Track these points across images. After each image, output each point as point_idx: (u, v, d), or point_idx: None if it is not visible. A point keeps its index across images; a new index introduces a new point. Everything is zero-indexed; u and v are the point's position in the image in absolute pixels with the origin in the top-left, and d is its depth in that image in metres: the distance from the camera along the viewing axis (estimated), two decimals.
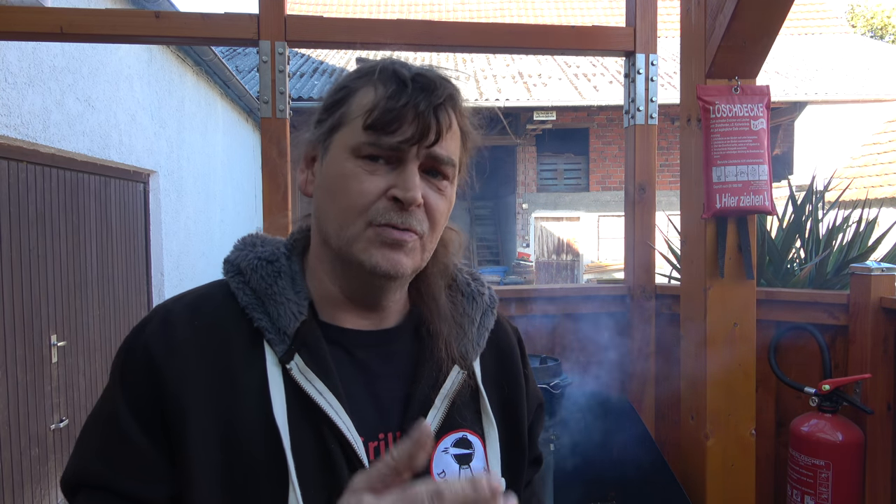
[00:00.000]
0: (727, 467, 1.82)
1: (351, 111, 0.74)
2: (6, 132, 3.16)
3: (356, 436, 0.71)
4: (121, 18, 2.13)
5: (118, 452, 0.69)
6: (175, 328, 0.72)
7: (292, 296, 0.75)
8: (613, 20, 15.26)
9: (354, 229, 0.72)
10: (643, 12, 2.29)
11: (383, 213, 0.71)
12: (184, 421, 0.68)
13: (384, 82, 0.72)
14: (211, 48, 5.79)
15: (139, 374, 0.70)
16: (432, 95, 0.71)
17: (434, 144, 0.72)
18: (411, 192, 0.71)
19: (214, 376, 0.70)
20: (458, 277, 0.87)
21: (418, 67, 0.74)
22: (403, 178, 0.71)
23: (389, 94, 0.71)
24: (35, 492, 3.37)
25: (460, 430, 0.78)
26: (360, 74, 0.76)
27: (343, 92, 0.76)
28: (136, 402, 0.69)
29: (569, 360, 2.34)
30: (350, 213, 0.72)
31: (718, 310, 1.81)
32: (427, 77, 0.72)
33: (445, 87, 0.73)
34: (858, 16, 24.83)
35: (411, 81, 0.71)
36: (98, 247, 4.21)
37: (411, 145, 0.71)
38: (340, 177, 0.73)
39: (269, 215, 2.09)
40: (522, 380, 0.89)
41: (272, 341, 0.72)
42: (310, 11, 15.58)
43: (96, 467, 0.69)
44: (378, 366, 0.77)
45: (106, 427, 0.71)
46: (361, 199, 0.71)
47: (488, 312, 0.87)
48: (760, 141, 1.74)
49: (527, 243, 12.79)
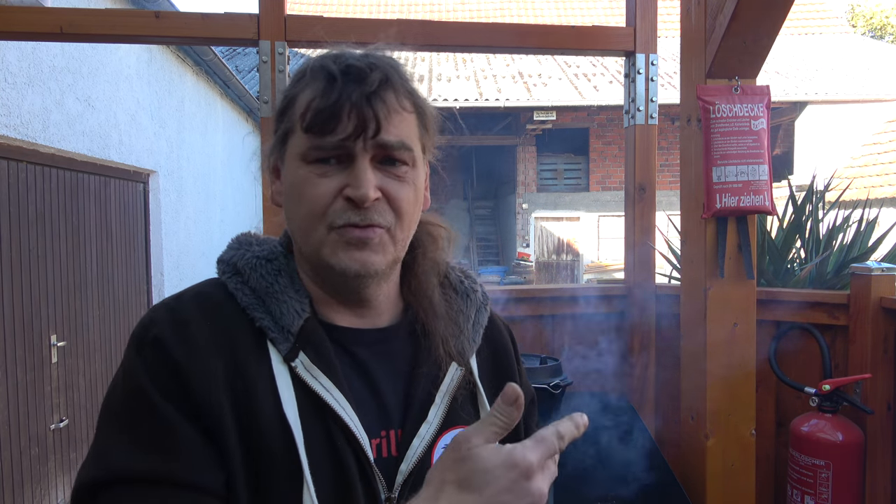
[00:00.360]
0: (727, 467, 1.82)
1: (294, 116, 0.73)
2: (6, 132, 3.16)
3: (363, 432, 0.71)
4: (121, 18, 2.13)
5: (168, 443, 0.64)
6: (188, 325, 0.70)
7: (293, 294, 0.75)
8: (613, 20, 15.26)
9: (318, 235, 0.72)
10: (643, 12, 2.29)
11: (341, 215, 0.71)
12: (212, 412, 0.66)
13: (314, 79, 0.71)
14: (211, 48, 5.79)
15: (162, 369, 0.66)
16: (364, 84, 0.69)
17: (377, 134, 0.70)
18: (362, 190, 0.69)
19: (231, 372, 0.69)
20: (450, 275, 0.87)
21: (352, 55, 0.72)
22: (354, 176, 0.70)
23: (321, 93, 0.70)
24: (35, 492, 3.37)
25: (460, 427, 0.78)
26: (299, 76, 0.75)
27: (287, 99, 0.75)
28: (172, 398, 0.66)
29: (569, 360, 2.34)
30: (310, 219, 0.72)
31: (718, 310, 1.81)
32: (357, 66, 0.70)
33: (378, 71, 0.70)
34: (858, 16, 24.83)
35: (341, 74, 0.69)
36: (98, 247, 4.21)
37: (353, 140, 0.69)
38: (296, 185, 0.72)
39: (269, 215, 2.09)
40: (517, 375, 0.89)
41: (276, 340, 0.72)
42: (310, 11, 15.58)
43: (142, 462, 0.63)
44: (377, 364, 0.77)
45: (143, 422, 0.65)
46: (317, 204, 0.71)
47: (482, 309, 0.87)
48: (760, 141, 1.74)
49: (527, 243, 12.79)
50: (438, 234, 0.86)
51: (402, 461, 0.73)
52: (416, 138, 0.75)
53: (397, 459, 0.73)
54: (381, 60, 0.72)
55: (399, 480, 0.72)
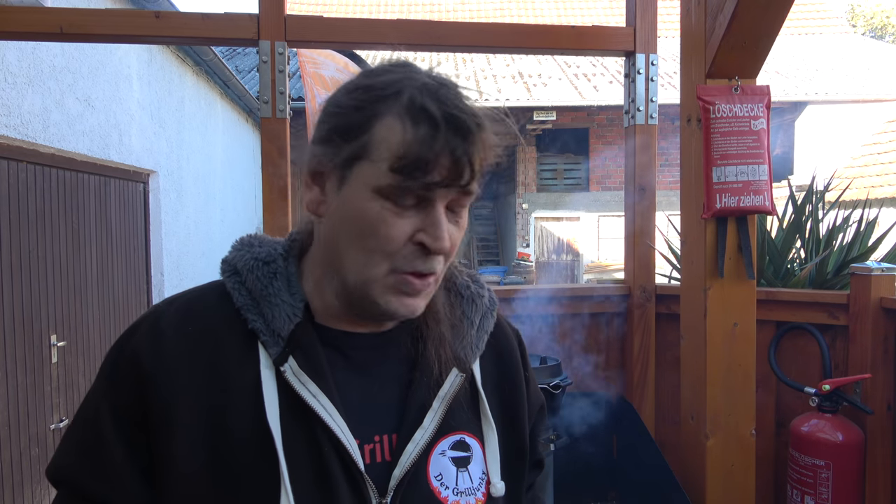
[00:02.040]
0: (727, 467, 1.82)
1: (374, 145, 0.66)
2: (6, 132, 3.16)
3: (350, 438, 0.70)
4: (121, 18, 2.13)
5: (93, 455, 0.70)
6: (164, 334, 0.72)
7: (287, 297, 0.74)
8: (613, 20, 15.26)
9: (377, 272, 0.69)
10: (643, 12, 2.29)
11: (410, 261, 0.69)
12: (170, 426, 0.68)
13: (412, 119, 0.65)
14: (211, 48, 5.79)
15: (126, 377, 0.71)
16: (467, 140, 0.66)
17: (468, 185, 0.68)
18: (440, 242, 0.68)
19: (203, 381, 0.70)
20: (457, 280, 0.86)
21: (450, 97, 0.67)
22: (433, 224, 0.67)
23: (421, 139, 0.65)
24: (35, 492, 3.37)
25: (458, 433, 0.77)
26: (381, 95, 0.68)
27: (361, 115, 0.68)
28: (120, 407, 0.70)
29: (569, 360, 2.34)
30: (374, 256, 0.68)
31: (718, 310, 1.81)
32: (460, 118, 0.66)
33: (479, 124, 0.67)
34: (858, 16, 24.83)
35: (444, 122, 0.65)
36: (98, 247, 4.21)
37: (443, 187, 0.67)
38: (364, 218, 0.67)
39: (269, 215, 2.09)
40: (523, 382, 0.87)
41: (266, 343, 0.72)
42: (310, 11, 15.58)
43: (73, 466, 0.71)
44: (375, 368, 0.77)
45: (86, 427, 0.72)
46: (388, 245, 0.67)
47: (488, 315, 0.85)
48: (760, 141, 1.74)
49: (527, 243, 12.78)
50: None
51: (396, 466, 0.72)
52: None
53: (391, 464, 0.72)
54: (480, 113, 0.69)
55: (392, 485, 0.71)
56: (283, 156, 2.09)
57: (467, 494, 0.75)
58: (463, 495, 0.75)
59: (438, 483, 0.74)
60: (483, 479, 0.77)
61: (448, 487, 0.74)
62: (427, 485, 0.74)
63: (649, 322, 2.32)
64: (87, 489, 0.70)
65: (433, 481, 0.74)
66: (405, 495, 0.72)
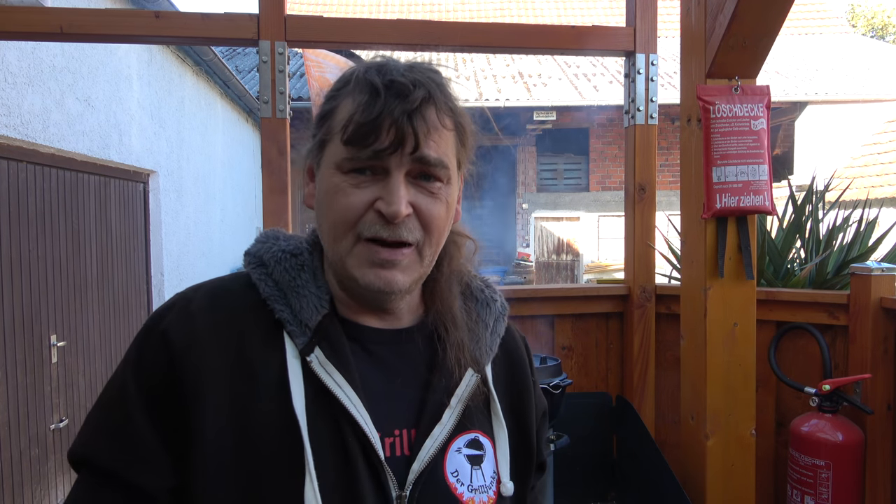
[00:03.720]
0: (727, 467, 1.82)
1: (334, 125, 0.73)
2: (6, 132, 3.16)
3: (373, 429, 0.72)
4: (121, 18, 2.13)
5: (122, 436, 0.70)
6: (195, 317, 0.73)
7: (314, 289, 0.76)
8: (613, 20, 15.26)
9: (345, 244, 0.73)
10: (643, 12, 2.29)
11: (370, 227, 0.71)
12: (199, 411, 0.68)
13: (359, 92, 0.71)
14: (211, 48, 5.79)
15: (157, 358, 0.71)
16: (406, 101, 0.69)
17: (415, 151, 0.70)
18: (394, 206, 0.70)
19: (231, 366, 0.71)
20: (471, 284, 0.88)
21: (397, 69, 0.72)
22: (388, 191, 0.71)
23: (363, 106, 0.70)
24: (35, 492, 3.37)
25: (473, 432, 0.79)
26: (342, 84, 0.75)
27: (329, 104, 0.76)
28: (149, 389, 0.70)
29: (569, 360, 2.34)
30: (339, 227, 0.73)
31: (718, 310, 1.81)
32: (401, 82, 0.70)
33: (423, 88, 0.71)
34: (858, 16, 24.83)
35: (384, 88, 0.69)
36: (98, 247, 4.21)
37: (390, 154, 0.70)
38: (329, 192, 0.73)
39: (269, 215, 2.09)
40: (531, 385, 0.90)
41: (293, 333, 0.73)
42: (310, 11, 15.58)
43: (100, 447, 0.70)
44: (394, 364, 0.78)
45: (113, 409, 0.72)
46: (348, 213, 0.72)
47: (500, 319, 0.88)
48: (760, 141, 1.74)
49: (527, 243, 12.78)
50: (463, 244, 0.87)
51: (414, 461, 0.73)
52: (452, 155, 0.76)
53: (409, 459, 0.74)
54: (425, 76, 0.72)
55: (410, 479, 0.73)
56: (283, 156, 2.09)
57: (480, 492, 0.77)
58: (477, 492, 0.77)
59: (455, 479, 0.76)
60: (494, 479, 0.79)
61: (463, 484, 0.76)
62: (444, 480, 0.75)
63: (649, 322, 2.32)
64: (116, 470, 0.69)
65: (449, 477, 0.76)
66: (423, 489, 0.73)
